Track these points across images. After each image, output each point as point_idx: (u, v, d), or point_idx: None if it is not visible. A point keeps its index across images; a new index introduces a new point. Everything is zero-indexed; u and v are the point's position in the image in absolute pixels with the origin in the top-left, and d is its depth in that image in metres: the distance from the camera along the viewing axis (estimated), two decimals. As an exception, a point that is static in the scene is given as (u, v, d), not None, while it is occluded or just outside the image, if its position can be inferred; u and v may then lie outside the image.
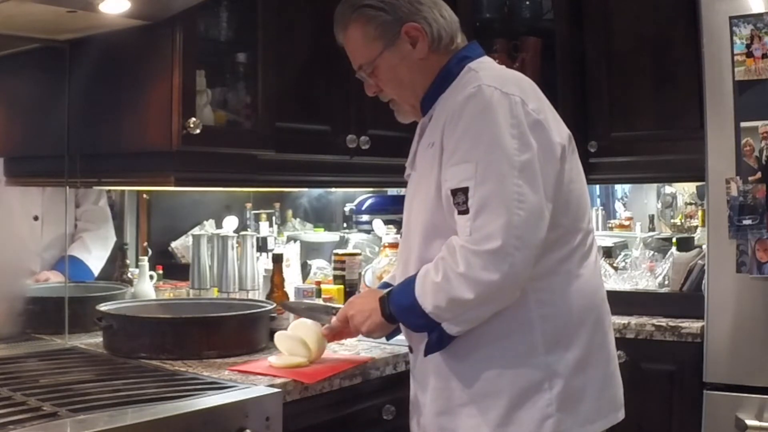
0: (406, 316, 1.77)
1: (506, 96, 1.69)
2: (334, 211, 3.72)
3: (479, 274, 1.63)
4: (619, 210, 4.31)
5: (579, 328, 1.76)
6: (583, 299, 1.78)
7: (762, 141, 2.48)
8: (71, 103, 2.35)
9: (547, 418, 1.71)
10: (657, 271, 3.03)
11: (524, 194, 1.64)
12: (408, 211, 1.91)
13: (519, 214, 1.63)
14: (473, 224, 1.64)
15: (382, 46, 1.85)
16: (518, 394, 1.72)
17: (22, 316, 2.35)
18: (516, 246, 1.62)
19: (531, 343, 1.73)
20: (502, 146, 1.66)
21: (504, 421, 1.72)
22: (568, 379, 1.73)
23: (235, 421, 1.72)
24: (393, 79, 1.88)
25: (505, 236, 1.62)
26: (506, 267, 1.62)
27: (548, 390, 1.71)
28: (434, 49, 1.85)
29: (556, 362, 1.72)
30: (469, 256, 1.64)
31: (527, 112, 1.70)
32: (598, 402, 1.78)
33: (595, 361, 1.79)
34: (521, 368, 1.72)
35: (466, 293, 1.65)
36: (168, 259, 3.01)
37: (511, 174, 1.64)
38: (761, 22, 2.48)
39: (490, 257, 1.62)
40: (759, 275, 2.48)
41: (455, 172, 1.69)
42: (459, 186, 1.67)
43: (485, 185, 1.64)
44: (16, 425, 1.49)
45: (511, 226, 1.62)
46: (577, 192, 1.81)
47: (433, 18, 1.85)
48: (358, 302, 1.92)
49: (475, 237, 1.64)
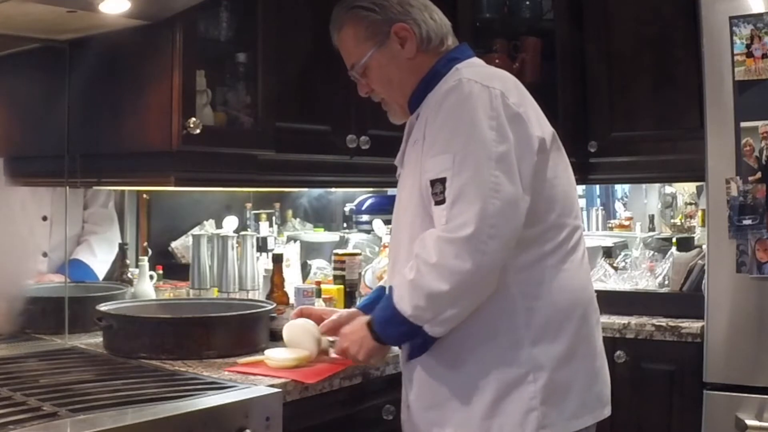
0: (388, 329, 1.79)
1: (486, 88, 1.72)
2: (334, 211, 3.72)
3: (452, 262, 1.64)
4: (619, 210, 4.31)
5: (564, 322, 1.77)
6: (569, 293, 1.79)
7: (762, 141, 2.48)
8: (71, 103, 2.35)
9: (531, 410, 1.72)
10: (657, 271, 3.03)
11: (500, 184, 1.66)
12: (396, 208, 1.93)
13: (494, 203, 1.65)
14: (449, 213, 1.67)
15: (373, 46, 1.89)
16: (503, 386, 1.73)
17: (22, 316, 2.35)
18: (489, 234, 1.64)
19: (516, 336, 1.74)
20: (479, 137, 1.68)
21: (489, 414, 1.73)
22: (552, 372, 1.74)
23: (235, 421, 1.72)
24: (382, 78, 1.92)
25: (478, 224, 1.63)
26: (479, 255, 1.64)
27: (533, 383, 1.72)
28: (423, 50, 1.89)
29: (540, 355, 1.73)
30: (442, 244, 1.66)
31: (506, 105, 1.72)
32: (585, 397, 1.79)
33: (581, 355, 1.80)
34: (506, 361, 1.74)
35: (440, 284, 1.66)
36: (168, 259, 3.01)
37: (488, 164, 1.67)
38: (761, 22, 2.48)
39: (463, 244, 1.64)
40: (759, 275, 2.48)
41: (434, 163, 1.71)
42: (437, 177, 1.70)
43: (462, 175, 1.67)
44: (16, 425, 1.49)
45: (486, 215, 1.64)
46: (563, 188, 1.82)
47: (422, 19, 1.89)
48: (348, 333, 1.91)
49: (450, 225, 1.66)
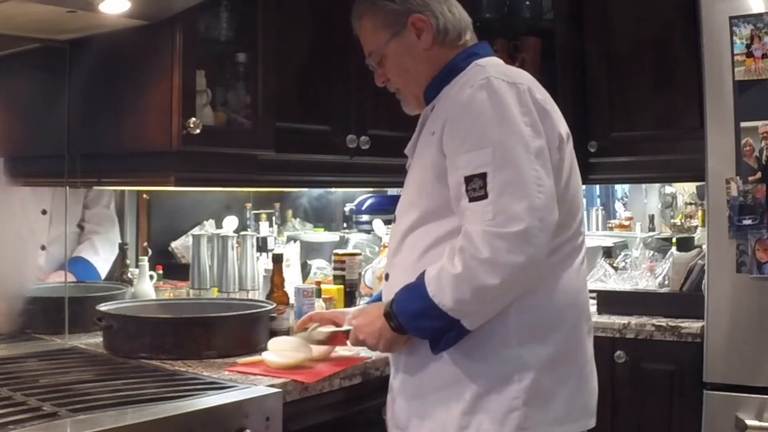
0: (418, 322, 1.73)
1: (514, 85, 1.73)
2: (334, 211, 3.72)
3: (505, 257, 1.63)
4: (619, 210, 4.32)
5: (556, 325, 1.76)
6: (564, 297, 1.78)
7: (762, 141, 2.48)
8: (71, 103, 2.34)
9: (512, 410, 1.70)
10: (657, 271, 3.03)
11: (541, 178, 1.67)
12: (402, 198, 1.92)
13: (540, 197, 1.65)
14: (496, 207, 1.64)
15: (390, 35, 1.90)
16: (487, 383, 1.72)
17: (22, 316, 2.36)
18: (539, 228, 1.64)
19: (504, 334, 1.72)
20: (517, 132, 1.69)
21: (470, 409, 1.72)
22: (538, 374, 1.72)
23: (235, 421, 1.72)
24: (398, 68, 1.93)
25: (529, 218, 1.63)
26: (531, 249, 1.63)
27: (517, 382, 1.71)
28: (439, 42, 1.90)
29: (527, 355, 1.72)
30: (494, 239, 1.63)
31: (535, 100, 1.74)
32: (570, 404, 1.77)
33: (571, 361, 1.78)
34: (493, 358, 1.72)
35: (491, 279, 1.64)
36: (168, 259, 3.01)
37: (529, 158, 1.67)
38: (761, 22, 2.48)
39: (516, 239, 1.63)
40: (759, 275, 2.48)
41: (470, 159, 1.69)
42: (475, 172, 1.68)
43: (505, 169, 1.66)
44: (16, 425, 1.49)
45: (534, 209, 1.64)
46: (573, 190, 1.82)
47: (440, 12, 1.90)
48: (363, 325, 1.85)
49: (500, 220, 1.64)
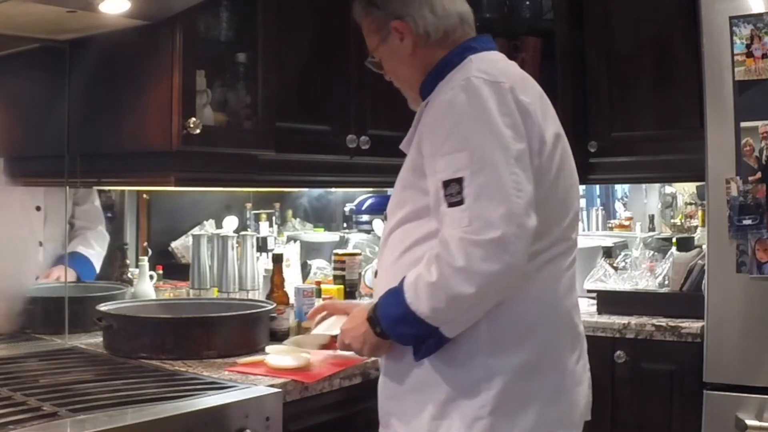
0: (398, 328, 1.69)
1: (495, 84, 1.67)
2: (334, 211, 3.72)
3: (480, 265, 1.57)
4: (619, 210, 4.31)
5: (528, 334, 1.70)
6: (540, 304, 1.72)
7: (762, 141, 2.48)
8: (71, 103, 2.35)
9: (478, 419, 1.65)
10: (657, 271, 3.03)
11: (521, 182, 1.61)
12: (392, 194, 1.89)
13: (518, 203, 1.59)
14: (471, 213, 1.59)
15: (378, 40, 1.91)
16: (455, 389, 1.68)
17: (22, 316, 2.36)
18: (516, 235, 1.58)
19: (475, 341, 1.68)
20: (496, 134, 1.63)
21: (439, 414, 1.69)
22: (508, 383, 1.67)
23: (235, 421, 1.72)
24: (391, 70, 1.94)
25: (506, 225, 1.57)
26: (507, 257, 1.57)
27: (486, 390, 1.66)
28: (422, 45, 1.86)
29: (497, 364, 1.67)
30: (468, 246, 1.58)
31: (518, 101, 1.68)
32: (542, 414, 1.69)
33: (546, 372, 1.71)
34: (462, 364, 1.68)
35: (466, 288, 1.59)
36: (168, 259, 3.01)
37: (507, 162, 1.61)
38: (761, 22, 2.48)
39: (492, 246, 1.57)
40: (759, 275, 2.48)
41: (448, 162, 1.64)
42: (453, 177, 1.63)
43: (482, 174, 1.61)
44: (16, 425, 1.49)
45: (512, 214, 1.58)
46: (562, 193, 1.77)
47: (420, 15, 1.85)
48: (349, 329, 1.82)
49: (475, 226, 1.58)
